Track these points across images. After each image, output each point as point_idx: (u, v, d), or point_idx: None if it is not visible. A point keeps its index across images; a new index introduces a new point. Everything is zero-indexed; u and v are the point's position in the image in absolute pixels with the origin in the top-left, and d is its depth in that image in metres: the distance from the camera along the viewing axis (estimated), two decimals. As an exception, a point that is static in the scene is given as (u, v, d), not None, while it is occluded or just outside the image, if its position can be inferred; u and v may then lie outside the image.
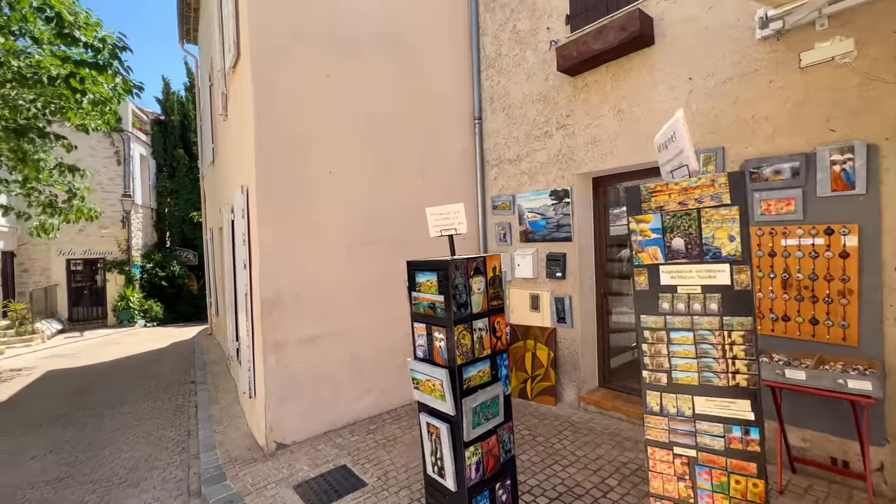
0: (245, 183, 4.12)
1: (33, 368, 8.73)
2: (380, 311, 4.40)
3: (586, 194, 4.15)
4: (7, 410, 6.00)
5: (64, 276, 14.12)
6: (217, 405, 5.44)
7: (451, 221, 2.22)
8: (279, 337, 3.80)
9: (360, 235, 4.30)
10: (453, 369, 2.02)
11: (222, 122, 6.49)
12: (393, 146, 4.51)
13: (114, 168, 14.92)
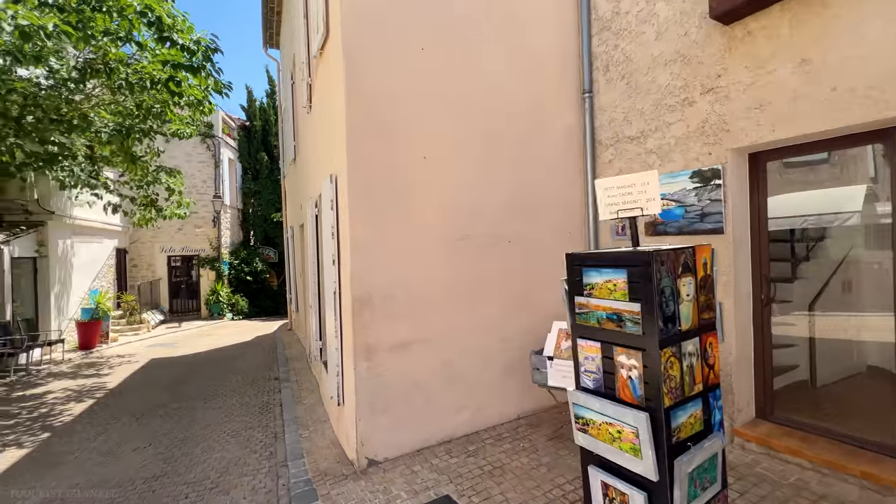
0: (334, 171, 3.79)
1: (139, 356, 9.42)
2: (473, 315, 3.88)
3: (742, 173, 3.28)
4: (116, 397, 6.34)
5: (165, 272, 15.44)
6: (301, 405, 5.27)
7: (634, 198, 1.58)
8: (370, 341, 3.41)
9: (455, 229, 3.80)
10: (657, 413, 1.40)
11: (305, 115, 6.38)
12: (490, 127, 3.96)
13: (206, 171, 16.04)
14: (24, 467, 4.06)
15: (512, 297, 4.05)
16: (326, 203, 3.97)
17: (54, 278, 9.71)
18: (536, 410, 4.15)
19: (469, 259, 3.86)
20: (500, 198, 4.00)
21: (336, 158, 3.79)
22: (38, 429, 5.11)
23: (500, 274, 3.99)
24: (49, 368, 8.20)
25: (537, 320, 4.14)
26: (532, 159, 4.16)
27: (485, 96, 3.92)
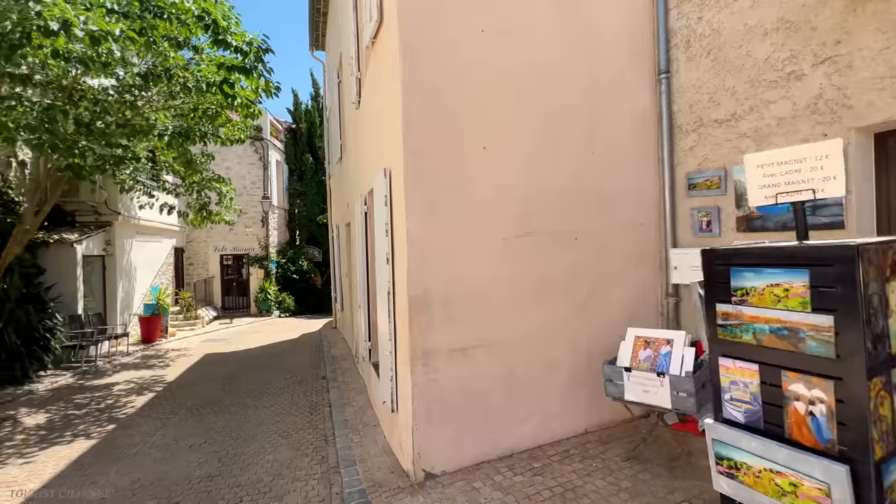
0: (388, 165, 3.60)
1: (194, 351, 9.78)
2: (536, 318, 3.57)
3: (867, 157, 2.77)
4: (174, 391, 6.53)
5: (218, 270, 16.12)
6: (350, 408, 5.15)
7: (804, 176, 1.22)
8: (428, 345, 3.18)
9: (516, 224, 3.51)
10: (862, 466, 1.03)
11: (353, 112, 6.28)
12: (553, 114, 3.64)
13: (256, 173, 16.61)
14: (89, 460, 4.16)
15: (577, 299, 3.70)
16: (379, 199, 3.80)
17: (120, 275, 10.29)
18: (606, 424, 3.77)
19: (531, 256, 3.55)
20: (564, 190, 3.67)
21: (390, 151, 3.59)
22: (104, 420, 5.30)
23: (564, 272, 3.66)
24: (115, 360, 8.65)
25: (605, 324, 3.76)
26: (599, 148, 3.79)
27: (548, 80, 3.60)
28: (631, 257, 3.91)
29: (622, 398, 3.04)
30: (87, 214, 9.89)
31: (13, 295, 6.79)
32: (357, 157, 6.21)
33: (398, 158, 3.29)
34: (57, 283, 8.27)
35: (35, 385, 6.65)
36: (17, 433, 4.92)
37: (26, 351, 6.68)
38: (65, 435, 4.83)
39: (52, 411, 5.68)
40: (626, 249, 3.89)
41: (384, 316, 3.78)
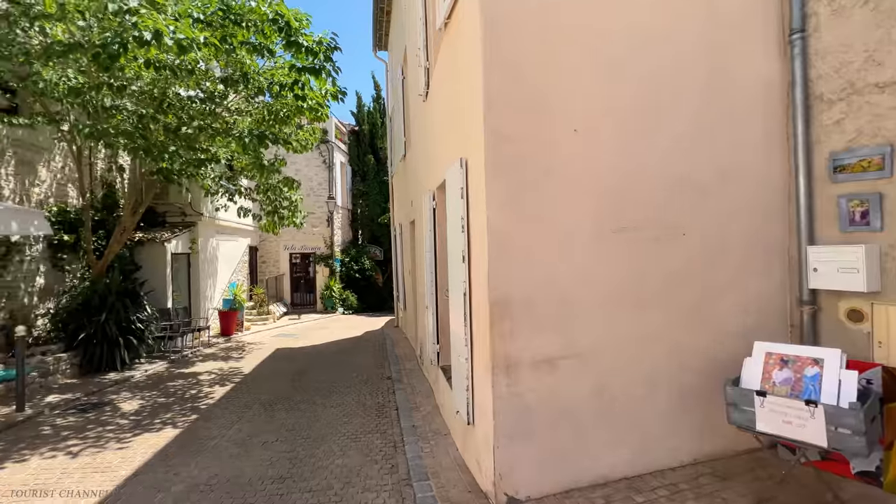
0: (465, 154, 3.31)
1: (267, 345, 10.22)
2: (634, 327, 3.08)
3: None
4: (249, 384, 6.76)
5: (288, 268, 16.93)
6: (418, 412, 4.94)
7: None
8: (511, 354, 2.84)
9: (610, 217, 3.06)
10: None
11: (419, 105, 6.09)
12: (657, 87, 3.14)
13: (322, 174, 17.22)
14: (174, 450, 4.31)
15: (683, 305, 3.16)
16: (454, 192, 3.51)
17: (202, 272, 11.04)
18: (719, 455, 3.19)
19: (628, 254, 3.08)
20: (669, 177, 3.15)
21: (466, 139, 3.30)
22: (188, 410, 5.55)
23: (667, 273, 3.14)
24: (199, 351, 9.24)
25: (718, 336, 3.19)
26: (711, 127, 3.21)
27: (652, 47, 3.10)
28: (751, 256, 3.28)
29: (752, 428, 2.49)
30: (175, 215, 10.71)
31: (114, 289, 7.41)
32: (424, 151, 6.01)
33: (477, 146, 2.98)
34: (149, 278, 8.99)
35: (132, 372, 7.21)
36: (116, 417, 5.28)
37: (124, 341, 7.27)
38: (154, 423, 5.10)
39: (146, 398, 6.07)
40: (745, 246, 3.27)
41: (458, 319, 3.50)
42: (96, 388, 6.32)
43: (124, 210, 8.13)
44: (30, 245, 7.38)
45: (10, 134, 7.01)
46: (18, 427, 4.89)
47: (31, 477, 3.76)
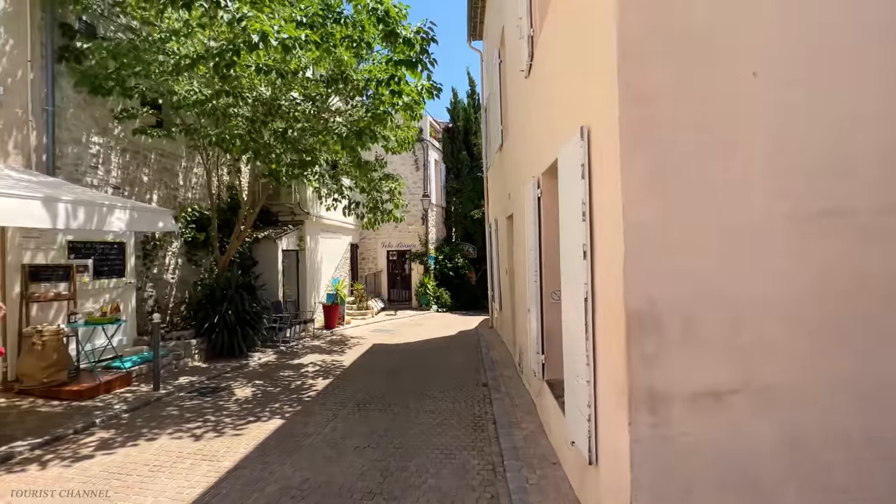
0: (587, 123, 2.63)
1: (366, 339, 10.46)
2: (846, 354, 2.12)
3: None
4: (347, 379, 6.80)
5: (385, 264, 17.47)
6: (519, 431, 4.35)
7: None
8: (657, 382, 2.11)
9: (807, 197, 2.14)
10: None
11: (520, 84, 5.46)
12: (871, 14, 2.12)
13: (416, 173, 17.43)
14: (272, 444, 4.32)
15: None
16: (570, 171, 2.85)
17: (309, 267, 11.74)
18: None
19: (834, 249, 2.13)
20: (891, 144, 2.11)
21: (589, 103, 2.62)
22: (293, 401, 5.67)
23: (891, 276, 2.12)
24: (305, 343, 9.77)
25: None
26: None
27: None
28: None
29: None
30: (286, 215, 11.53)
31: (233, 282, 8.08)
32: (525, 135, 5.36)
33: (606, 110, 2.29)
34: (263, 273, 9.73)
35: (247, 360, 7.77)
36: (229, 403, 5.59)
37: (241, 330, 7.88)
38: (264, 412, 5.25)
39: (256, 386, 6.41)
40: None
41: (575, 329, 2.83)
42: (217, 373, 6.87)
43: (243, 210, 8.86)
44: (170, 243, 8.39)
45: (155, 145, 8.01)
46: (153, 405, 5.41)
47: (153, 457, 4.01)
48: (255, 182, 8.97)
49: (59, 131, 6.29)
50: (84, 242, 6.37)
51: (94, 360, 6.00)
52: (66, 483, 3.50)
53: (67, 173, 6.39)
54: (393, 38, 6.24)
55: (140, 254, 7.65)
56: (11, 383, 5.36)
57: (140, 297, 7.58)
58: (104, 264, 6.69)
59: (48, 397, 5.23)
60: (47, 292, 5.77)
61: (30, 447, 4.01)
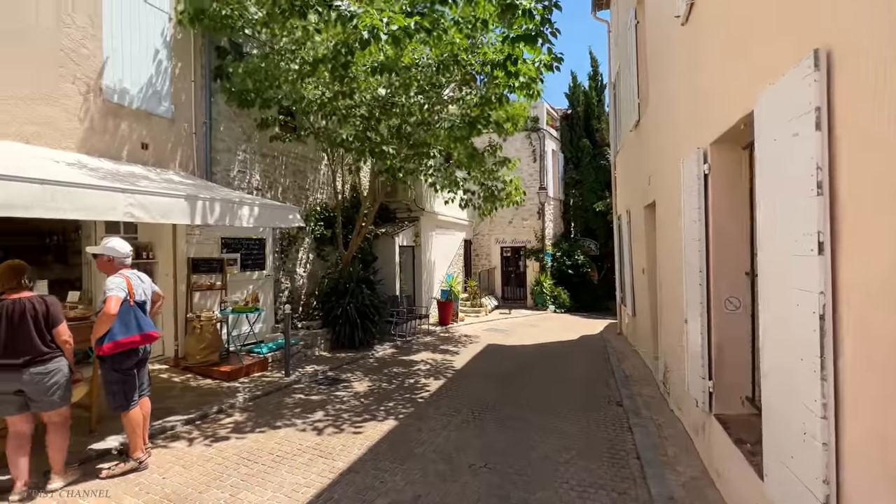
0: (823, 43, 1.68)
1: (479, 338, 10.08)
2: None
3: None
4: (460, 382, 6.45)
5: (499, 261, 16.96)
6: (674, 474, 3.39)
7: None
8: None
9: None
10: None
11: (674, 35, 4.35)
12: None
13: (532, 165, 16.50)
14: (385, 448, 4.11)
15: None
16: (787, 123, 1.90)
17: (424, 263, 11.82)
18: None
19: None
20: None
21: (825, 19, 1.67)
22: (406, 401, 5.49)
23: None
24: (419, 339, 9.79)
25: None
26: None
27: None
28: None
29: None
30: (403, 211, 11.78)
31: (355, 276, 8.39)
32: (682, 95, 4.24)
33: (867, 20, 1.36)
34: (381, 268, 10.00)
35: (367, 352, 7.99)
36: (348, 397, 5.65)
37: (361, 323, 8.13)
38: (379, 410, 5.15)
39: (373, 380, 6.45)
40: None
41: (795, 361, 1.88)
42: (338, 364, 7.14)
43: (364, 208, 9.18)
44: (302, 239, 9.09)
45: (289, 149, 8.71)
46: (282, 391, 5.73)
47: (278, 446, 4.10)
48: (374, 180, 9.21)
49: (215, 141, 7.14)
50: (233, 239, 7.14)
51: (240, 345, 6.66)
52: (205, 463, 3.72)
53: (221, 178, 7.23)
54: (511, 10, 5.62)
55: (278, 249, 8.41)
56: (178, 360, 6.20)
57: (277, 289, 8.32)
58: (249, 258, 7.44)
59: (203, 375, 5.91)
60: (205, 282, 6.57)
61: (182, 422, 4.45)
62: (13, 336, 2.84)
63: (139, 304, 3.44)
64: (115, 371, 3.37)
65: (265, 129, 7.72)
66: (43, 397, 2.93)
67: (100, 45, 5.54)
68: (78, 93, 5.32)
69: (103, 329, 3.19)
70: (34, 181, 3.06)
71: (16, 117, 4.76)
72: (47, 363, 2.95)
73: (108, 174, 4.45)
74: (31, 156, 4.39)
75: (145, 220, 3.85)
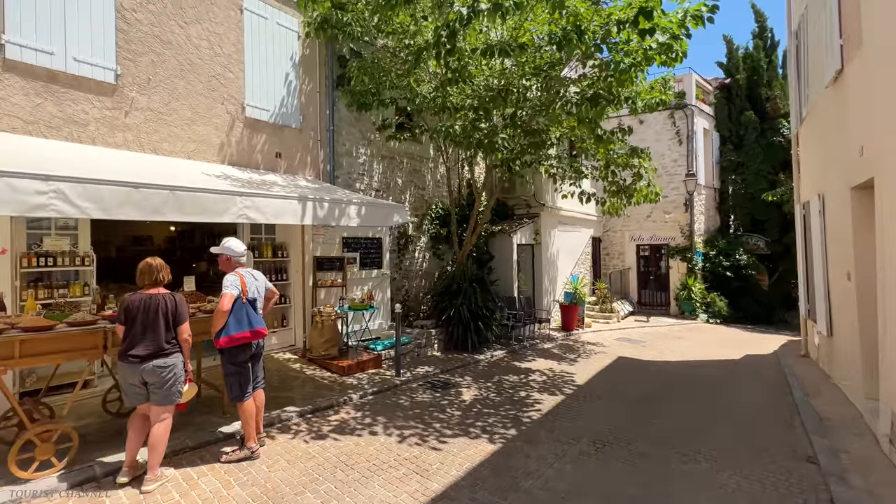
0: None
1: (608, 349, 8.85)
2: None
3: None
4: (581, 401, 5.57)
5: (634, 261, 14.95)
6: None
7: None
8: None
9: None
10: None
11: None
12: None
13: (676, 149, 14.10)
14: (485, 474, 3.62)
15: None
16: None
17: (545, 263, 10.95)
18: None
19: None
20: None
21: None
22: (514, 419, 4.91)
23: None
24: (537, 345, 9.03)
25: None
26: None
27: None
28: None
29: None
30: (521, 208, 11.10)
31: (468, 276, 8.08)
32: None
33: None
34: (498, 267, 9.51)
35: (478, 356, 7.60)
36: (454, 406, 5.31)
37: (474, 325, 7.78)
38: (484, 425, 4.69)
39: (482, 388, 6.01)
40: None
41: None
42: (449, 367, 6.88)
43: (478, 204, 8.82)
44: (419, 238, 9.16)
45: (405, 149, 8.84)
46: (391, 391, 5.68)
47: (376, 453, 3.94)
48: (489, 175, 8.78)
49: (337, 146, 7.58)
50: (353, 238, 7.47)
51: (359, 340, 6.91)
52: (307, 461, 3.74)
53: (343, 181, 7.64)
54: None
55: (395, 248, 8.59)
56: (305, 351, 6.69)
57: (395, 287, 8.51)
58: (367, 257, 7.71)
59: (324, 367, 6.24)
60: (327, 279, 6.98)
61: (296, 414, 4.64)
62: (145, 330, 3.14)
63: (251, 301, 3.59)
64: (231, 364, 3.57)
65: (383, 130, 7.91)
66: (160, 390, 3.18)
67: (242, 68, 6.25)
68: (226, 112, 6.07)
69: (219, 324, 3.38)
70: (164, 188, 3.39)
71: (180, 137, 5.61)
72: (167, 357, 3.20)
73: (246, 182, 4.92)
74: (189, 169, 5.09)
75: (259, 220, 4.07)
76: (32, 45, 4.49)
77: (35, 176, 2.85)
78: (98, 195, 3.09)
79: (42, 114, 4.58)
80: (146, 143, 5.29)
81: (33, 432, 3.17)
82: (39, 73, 4.55)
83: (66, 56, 4.69)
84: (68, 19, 4.70)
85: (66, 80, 4.72)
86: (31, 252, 4.62)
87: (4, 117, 4.37)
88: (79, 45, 4.77)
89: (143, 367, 3.10)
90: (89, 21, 4.83)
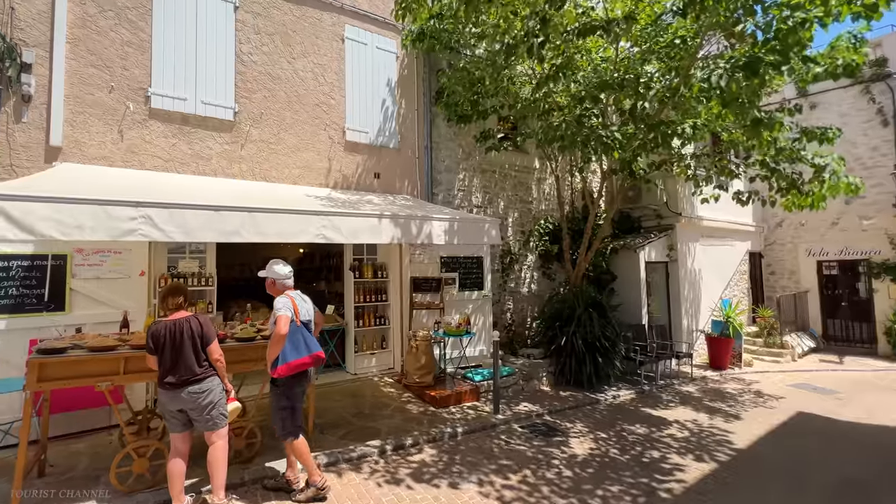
0: None
1: (780, 399, 6.69)
2: None
3: None
4: (742, 476, 4.07)
5: (815, 282, 11.55)
6: None
7: None
8: None
9: None
10: None
11: None
12: None
13: (877, 133, 10.62)
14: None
15: None
16: None
17: (683, 284, 9.04)
18: None
19: None
20: None
21: None
22: (642, 493, 3.75)
23: None
24: (675, 386, 7.31)
25: None
26: None
27: None
28: None
29: None
30: (650, 219, 9.44)
31: (582, 300, 6.97)
32: None
33: None
34: (621, 290, 8.11)
35: (596, 395, 6.40)
36: (558, 464, 4.35)
37: (590, 358, 6.60)
38: (596, 498, 3.70)
39: (599, 440, 4.90)
40: None
41: None
42: (558, 407, 5.86)
43: (594, 216, 7.66)
44: (525, 256, 8.35)
45: (508, 161, 8.22)
46: (485, 432, 4.96)
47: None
48: (607, 181, 7.59)
49: (436, 163, 7.34)
50: (451, 258, 7.06)
51: (456, 368, 6.37)
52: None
53: (443, 198, 7.35)
54: None
55: (498, 268, 7.94)
56: (401, 376, 6.40)
57: (498, 311, 7.81)
58: (467, 278, 7.21)
59: (417, 396, 5.83)
60: (424, 301, 6.65)
61: (377, 451, 4.26)
62: (175, 356, 3.02)
63: (304, 323, 3.33)
64: (286, 397, 3.30)
65: (485, 141, 7.43)
66: (200, 416, 3.04)
67: (343, 94, 6.45)
68: (328, 138, 6.30)
69: (277, 350, 3.17)
70: (242, 209, 3.37)
71: (287, 164, 5.94)
72: (201, 382, 3.05)
73: (341, 203, 4.89)
74: (288, 193, 5.29)
75: (337, 240, 3.87)
76: (171, 93, 5.17)
77: (128, 203, 3.04)
78: (182, 219, 3.19)
79: (176, 152, 5.23)
80: (258, 171, 5.71)
81: (132, 447, 3.33)
82: (175, 117, 5.23)
83: (196, 100, 5.32)
84: (199, 68, 5.33)
85: (195, 122, 5.34)
86: (167, 273, 5.23)
87: (150, 158, 5.08)
88: (206, 90, 5.37)
89: (179, 394, 3.00)
90: (214, 67, 5.42)
